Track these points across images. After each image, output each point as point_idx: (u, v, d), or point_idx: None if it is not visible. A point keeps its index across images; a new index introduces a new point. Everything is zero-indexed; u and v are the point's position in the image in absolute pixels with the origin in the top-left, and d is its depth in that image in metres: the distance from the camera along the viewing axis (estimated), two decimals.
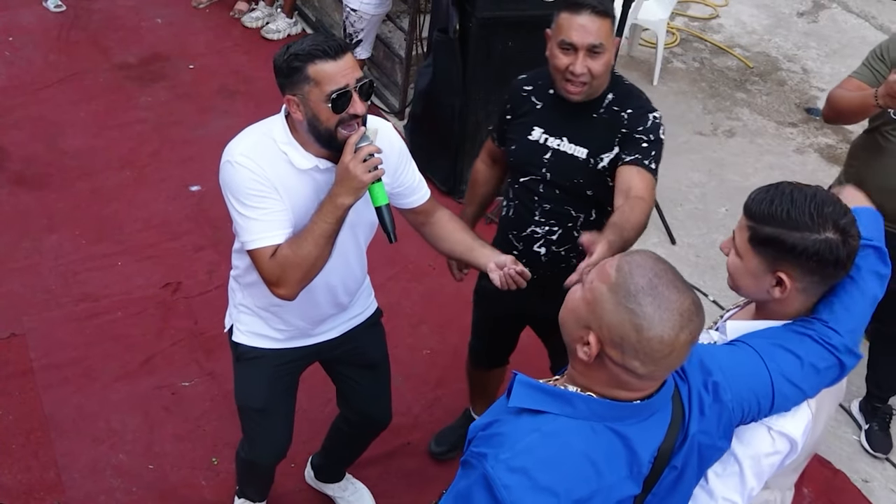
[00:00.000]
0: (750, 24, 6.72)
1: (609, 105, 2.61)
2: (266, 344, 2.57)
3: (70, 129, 4.85)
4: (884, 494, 3.47)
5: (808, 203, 1.76)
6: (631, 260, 1.56)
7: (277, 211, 2.22)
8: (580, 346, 1.57)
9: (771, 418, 1.80)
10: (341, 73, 2.12)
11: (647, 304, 1.51)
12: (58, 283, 3.94)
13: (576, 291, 1.63)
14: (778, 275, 1.80)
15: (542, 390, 1.62)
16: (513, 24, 4.19)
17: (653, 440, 1.63)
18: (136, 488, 3.19)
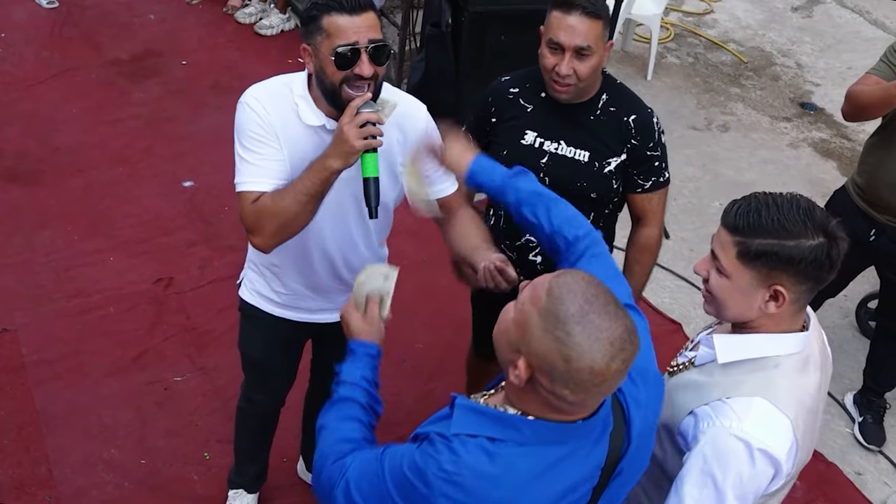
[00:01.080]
0: (744, 19, 6.71)
1: (605, 106, 2.59)
2: (266, 306, 2.59)
3: (62, 126, 4.83)
4: (877, 487, 3.47)
5: (795, 210, 1.72)
6: (562, 283, 1.50)
7: (273, 159, 2.18)
8: (511, 370, 1.52)
9: (750, 433, 1.73)
10: (354, 28, 2.05)
11: (577, 332, 1.45)
12: (50, 279, 3.93)
13: (508, 311, 1.57)
14: (774, 288, 1.74)
15: (486, 415, 1.57)
16: (505, 17, 4.19)
17: (599, 453, 1.61)
18: (127, 483, 3.19)
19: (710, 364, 1.87)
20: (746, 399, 1.75)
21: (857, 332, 4.10)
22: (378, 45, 2.10)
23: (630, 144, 2.58)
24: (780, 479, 1.77)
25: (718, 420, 1.75)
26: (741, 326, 1.84)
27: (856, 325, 4.13)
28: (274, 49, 5.56)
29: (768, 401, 1.75)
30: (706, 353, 1.89)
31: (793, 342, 1.80)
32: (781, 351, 1.79)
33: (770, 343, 1.80)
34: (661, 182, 2.66)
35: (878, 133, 3.25)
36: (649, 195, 2.66)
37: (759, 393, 1.76)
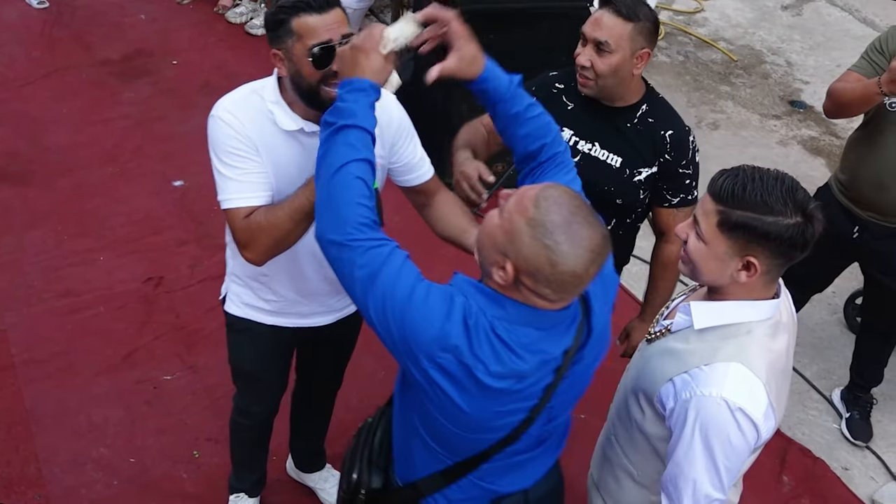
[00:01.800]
0: (734, 17, 6.73)
1: (643, 116, 2.62)
2: (256, 316, 2.55)
3: (53, 126, 4.84)
4: (863, 482, 3.49)
5: (779, 188, 1.78)
6: (549, 195, 1.67)
7: (255, 172, 2.16)
8: (496, 270, 1.70)
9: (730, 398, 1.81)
10: (326, 27, 2.06)
11: (563, 241, 1.64)
12: (40, 279, 3.93)
13: (493, 217, 1.73)
14: (747, 259, 1.82)
15: (480, 289, 1.76)
16: (493, 16, 4.19)
17: (567, 340, 1.81)
18: (116, 482, 3.19)
19: (686, 330, 1.95)
20: (724, 365, 1.85)
21: (844, 328, 4.12)
22: (350, 40, 2.08)
23: (663, 158, 2.61)
24: (759, 441, 1.87)
25: (699, 388, 1.84)
26: (715, 293, 1.93)
27: (843, 322, 4.15)
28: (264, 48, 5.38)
29: (743, 365, 1.84)
30: (682, 319, 1.97)
31: (765, 309, 1.90)
32: (754, 317, 1.89)
33: (743, 310, 1.89)
34: (689, 200, 2.69)
35: (860, 130, 3.27)
36: (675, 211, 2.68)
37: (735, 358, 1.85)
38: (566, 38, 4.32)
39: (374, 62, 1.84)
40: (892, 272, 3.35)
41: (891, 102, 3.04)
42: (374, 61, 1.84)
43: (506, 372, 1.73)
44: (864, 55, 3.13)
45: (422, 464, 1.95)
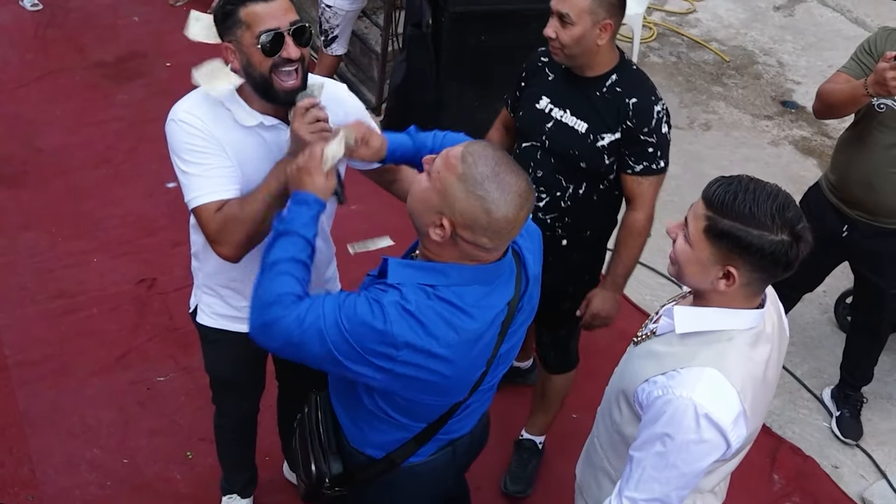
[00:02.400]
0: (726, 18, 6.76)
1: (612, 85, 2.71)
2: (228, 325, 2.55)
3: (46, 128, 4.85)
4: (853, 480, 3.51)
5: (770, 203, 1.77)
6: (473, 151, 1.80)
7: (222, 167, 2.17)
8: (433, 229, 1.82)
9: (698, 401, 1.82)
10: (272, 14, 2.07)
11: (493, 189, 1.76)
12: (33, 280, 3.94)
13: (422, 181, 1.85)
14: (727, 268, 1.82)
15: (416, 267, 1.88)
16: (484, 18, 4.22)
17: (509, 292, 1.94)
18: (110, 483, 3.21)
19: (669, 334, 1.97)
20: (698, 369, 1.86)
21: (835, 327, 4.14)
22: (298, 26, 2.11)
23: (625, 125, 2.70)
24: (730, 449, 1.87)
25: (671, 388, 1.86)
26: (699, 298, 1.94)
27: (834, 321, 4.17)
28: None
29: (719, 371, 1.85)
30: (667, 323, 1.99)
31: (747, 318, 1.90)
32: (736, 326, 1.89)
33: (726, 317, 1.89)
34: (654, 169, 2.75)
35: (850, 130, 3.29)
36: (639, 178, 2.76)
37: (711, 364, 1.86)
38: None
39: (318, 181, 1.99)
40: (881, 271, 3.37)
41: (879, 104, 3.06)
42: (317, 180, 1.99)
43: (462, 338, 1.85)
44: (853, 56, 3.15)
45: (390, 437, 2.08)
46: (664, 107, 2.73)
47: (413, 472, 2.15)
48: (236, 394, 2.79)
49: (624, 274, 2.89)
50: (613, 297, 2.90)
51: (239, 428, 2.95)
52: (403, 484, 2.18)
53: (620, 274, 2.88)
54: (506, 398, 3.63)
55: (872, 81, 2.87)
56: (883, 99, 3.02)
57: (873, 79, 2.86)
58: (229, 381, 2.76)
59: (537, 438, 3.42)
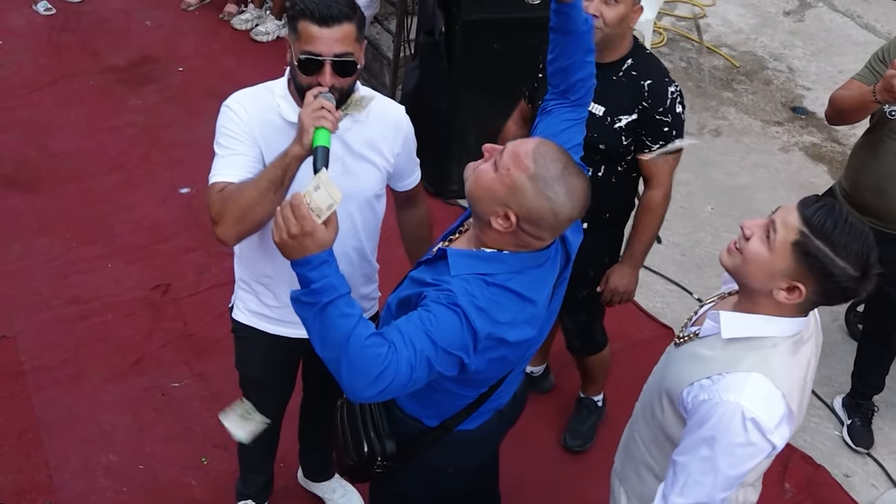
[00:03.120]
0: (736, 23, 6.76)
1: (628, 69, 2.82)
2: (260, 324, 2.61)
3: (60, 132, 4.88)
4: (864, 489, 3.52)
5: (862, 241, 1.82)
6: (544, 152, 1.89)
7: (243, 154, 2.24)
8: (496, 219, 1.91)
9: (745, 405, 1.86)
10: (322, 40, 2.13)
11: (561, 192, 1.88)
12: (48, 286, 3.97)
13: (488, 172, 1.91)
14: (796, 284, 1.85)
15: (477, 257, 1.96)
16: (497, 26, 4.23)
17: (556, 267, 2.08)
18: (126, 488, 3.23)
19: (713, 337, 1.99)
20: (745, 374, 1.89)
21: (846, 335, 4.15)
22: (342, 59, 2.15)
23: (641, 106, 2.80)
24: (774, 450, 1.92)
25: (718, 392, 1.89)
26: (746, 301, 1.96)
27: (845, 329, 4.18)
28: (270, 55, 5.60)
29: (764, 376, 1.88)
30: (711, 326, 2.01)
31: (792, 326, 1.93)
32: (781, 333, 1.92)
33: (771, 325, 1.92)
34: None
35: (864, 137, 3.32)
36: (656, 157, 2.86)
37: (757, 369, 1.89)
38: None
39: (320, 237, 1.78)
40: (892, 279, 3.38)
41: (891, 111, 3.09)
42: (319, 237, 1.78)
43: (525, 320, 1.97)
44: (867, 64, 3.19)
45: (446, 406, 2.17)
46: (678, 88, 2.84)
47: (464, 438, 2.24)
48: (263, 394, 2.81)
49: (642, 250, 3.00)
50: (632, 273, 3.02)
51: (263, 431, 2.97)
52: (454, 451, 2.25)
53: (638, 250, 3.00)
54: None
55: (881, 88, 2.90)
56: (894, 106, 3.05)
57: (881, 85, 2.90)
58: (257, 381, 2.79)
59: (595, 397, 3.58)
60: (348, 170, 2.32)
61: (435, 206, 4.24)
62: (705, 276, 4.42)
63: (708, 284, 4.39)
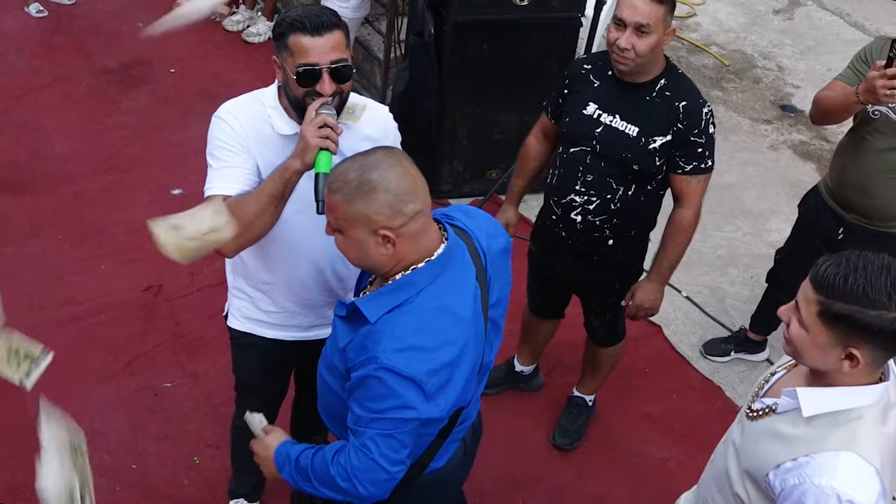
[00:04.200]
0: (726, 22, 6.80)
1: (661, 90, 2.85)
2: (258, 330, 2.63)
3: (52, 134, 4.90)
4: None
5: (884, 279, 1.72)
6: (334, 177, 1.95)
7: (239, 167, 2.27)
8: (382, 249, 1.92)
9: (840, 489, 1.78)
10: (316, 50, 2.16)
11: (369, 179, 1.90)
12: (40, 287, 3.99)
13: (337, 241, 1.98)
14: (849, 350, 1.77)
15: (387, 292, 1.96)
16: (487, 27, 4.26)
17: (471, 269, 2.06)
18: (119, 488, 3.26)
19: (793, 413, 1.90)
20: (833, 454, 1.81)
21: None
22: (339, 65, 2.19)
23: (676, 127, 2.82)
24: None
25: (809, 477, 1.81)
26: (819, 377, 1.88)
27: None
28: (261, 56, 5.61)
29: (855, 453, 1.80)
30: (788, 402, 1.92)
31: (873, 394, 1.85)
32: (863, 402, 1.83)
33: (852, 396, 1.84)
34: (702, 168, 2.89)
35: (848, 135, 3.35)
36: (688, 178, 2.90)
37: (846, 447, 1.81)
38: (558, 48, 4.42)
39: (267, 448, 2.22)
40: None
41: (874, 110, 3.12)
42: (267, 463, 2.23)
43: (455, 332, 1.98)
44: (850, 65, 3.22)
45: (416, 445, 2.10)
46: (710, 108, 2.87)
47: (434, 478, 2.23)
48: (258, 396, 2.85)
49: (669, 267, 3.05)
50: (658, 290, 3.07)
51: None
52: (428, 491, 2.25)
53: (666, 267, 3.04)
54: (508, 404, 3.70)
55: (863, 89, 2.93)
56: (877, 106, 3.09)
57: (864, 87, 2.93)
58: (253, 384, 2.83)
59: (587, 396, 3.61)
60: None
61: None
62: (693, 273, 4.46)
63: (696, 282, 4.43)
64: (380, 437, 1.93)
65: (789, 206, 4.95)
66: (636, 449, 3.62)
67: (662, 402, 3.85)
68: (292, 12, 2.23)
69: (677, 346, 4.10)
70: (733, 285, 4.46)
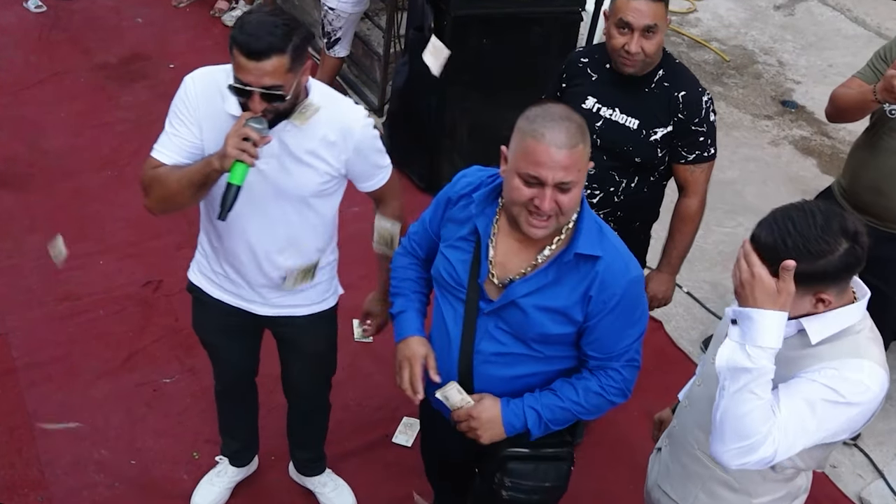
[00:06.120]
0: (727, 17, 6.79)
1: (660, 81, 2.85)
2: (207, 287, 2.70)
3: (51, 130, 4.89)
4: (851, 479, 3.55)
5: (814, 226, 1.82)
6: (528, 114, 2.04)
7: (183, 138, 2.35)
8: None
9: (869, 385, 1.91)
10: (250, 71, 2.15)
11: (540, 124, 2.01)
12: (39, 283, 3.98)
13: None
14: (819, 296, 1.89)
15: (586, 231, 2.12)
16: (486, 21, 4.24)
17: None
18: (118, 483, 3.25)
19: (792, 339, 1.98)
20: (856, 361, 1.92)
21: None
22: (269, 93, 2.17)
23: (677, 118, 2.83)
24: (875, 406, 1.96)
25: (839, 373, 1.91)
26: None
27: None
28: None
29: (868, 360, 1.93)
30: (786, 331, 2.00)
31: (860, 310, 2.00)
32: (854, 319, 1.97)
33: (844, 316, 1.96)
34: (705, 157, 2.90)
35: (863, 135, 3.32)
36: (692, 167, 2.91)
37: (861, 355, 1.93)
38: (558, 42, 4.40)
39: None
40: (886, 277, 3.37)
41: (891, 109, 3.09)
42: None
43: None
44: (869, 63, 3.20)
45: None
46: (709, 96, 2.87)
47: None
48: (216, 357, 2.93)
49: (679, 257, 3.07)
50: (670, 280, 3.09)
51: (223, 392, 3.07)
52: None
53: (676, 257, 3.06)
54: None
55: (881, 88, 2.92)
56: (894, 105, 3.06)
57: (882, 85, 2.92)
58: (209, 343, 2.90)
59: None
60: (284, 168, 2.37)
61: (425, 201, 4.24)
62: (695, 269, 4.44)
63: (698, 278, 4.42)
64: (639, 343, 2.18)
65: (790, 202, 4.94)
66: (637, 445, 3.60)
67: (664, 398, 3.82)
68: (245, 18, 2.20)
69: (678, 341, 4.09)
70: None
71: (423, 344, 2.30)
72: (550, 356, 2.19)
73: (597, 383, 2.17)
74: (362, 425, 3.52)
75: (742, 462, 1.92)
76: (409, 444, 3.48)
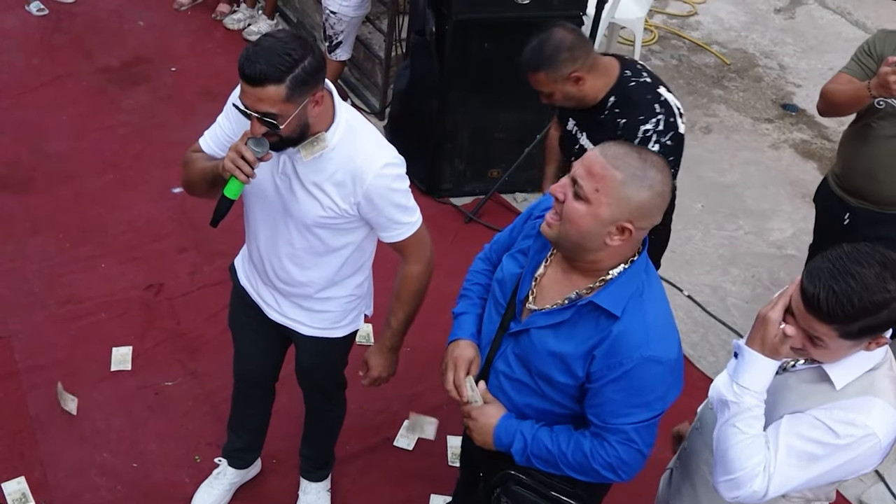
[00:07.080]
0: (727, 21, 6.79)
1: (612, 107, 2.87)
2: (239, 272, 2.78)
3: (53, 133, 4.89)
4: (851, 483, 3.54)
5: (873, 276, 1.77)
6: (612, 153, 1.93)
7: (225, 133, 2.43)
8: (611, 238, 1.94)
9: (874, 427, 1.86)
10: (248, 95, 2.15)
11: (652, 173, 1.93)
12: (42, 286, 3.99)
13: (579, 209, 1.94)
14: (876, 341, 1.87)
15: (622, 284, 2.01)
16: (488, 25, 4.25)
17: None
18: (120, 486, 3.26)
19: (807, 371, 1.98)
20: (866, 399, 1.89)
21: None
22: (265, 120, 2.16)
23: None
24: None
25: (844, 413, 1.88)
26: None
27: None
28: None
29: (881, 398, 1.89)
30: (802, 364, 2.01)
31: (882, 350, 1.95)
32: (878, 360, 1.94)
33: (868, 358, 1.93)
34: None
35: (852, 126, 3.41)
36: None
37: (871, 393, 1.90)
38: None
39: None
40: None
41: (878, 101, 3.18)
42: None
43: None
44: (853, 57, 3.27)
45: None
46: (656, 123, 2.79)
47: None
48: (236, 347, 2.96)
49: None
50: None
51: (237, 388, 3.09)
52: None
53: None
54: None
55: (876, 84, 3.00)
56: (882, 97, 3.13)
57: (877, 82, 3.00)
58: (232, 329, 2.94)
59: None
60: (292, 190, 2.38)
61: (426, 204, 4.27)
62: (695, 273, 4.46)
63: (697, 281, 4.43)
64: (643, 427, 2.03)
65: (791, 205, 4.95)
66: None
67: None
68: (258, 42, 2.20)
69: None
70: (735, 284, 4.46)
71: (471, 347, 2.29)
72: (555, 400, 2.14)
73: (588, 445, 2.08)
74: (364, 429, 3.53)
75: (733, 495, 1.93)
76: (410, 448, 3.49)
